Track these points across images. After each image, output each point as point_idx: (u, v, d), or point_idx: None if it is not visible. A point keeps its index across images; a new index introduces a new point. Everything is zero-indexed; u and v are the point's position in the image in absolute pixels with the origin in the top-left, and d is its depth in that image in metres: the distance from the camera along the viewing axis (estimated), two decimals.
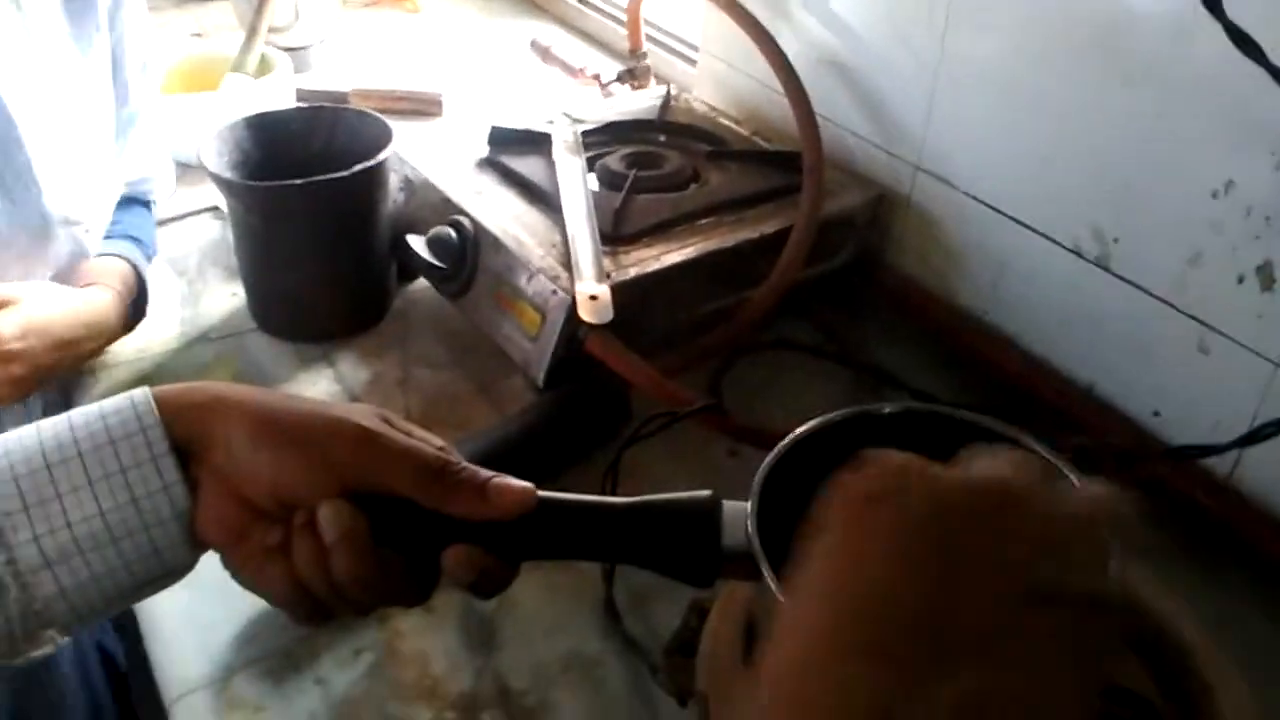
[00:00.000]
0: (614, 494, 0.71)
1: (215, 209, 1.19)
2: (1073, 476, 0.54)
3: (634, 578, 0.75)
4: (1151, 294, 0.84)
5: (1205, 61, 0.72)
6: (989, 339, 0.98)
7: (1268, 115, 0.71)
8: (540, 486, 0.51)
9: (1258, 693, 0.49)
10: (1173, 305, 0.82)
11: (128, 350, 0.98)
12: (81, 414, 0.47)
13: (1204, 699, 0.49)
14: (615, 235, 0.94)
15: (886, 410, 0.59)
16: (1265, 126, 0.72)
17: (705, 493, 0.51)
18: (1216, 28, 0.68)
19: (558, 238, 0.94)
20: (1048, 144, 0.88)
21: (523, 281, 0.91)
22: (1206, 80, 0.75)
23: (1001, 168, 0.94)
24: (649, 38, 1.44)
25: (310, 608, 0.50)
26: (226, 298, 1.06)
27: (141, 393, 0.48)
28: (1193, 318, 0.81)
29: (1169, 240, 0.81)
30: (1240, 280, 0.77)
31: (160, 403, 0.47)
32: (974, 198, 0.96)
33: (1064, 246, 0.89)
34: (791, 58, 1.06)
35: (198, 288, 1.08)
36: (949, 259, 1.01)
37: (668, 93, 1.22)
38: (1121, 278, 0.85)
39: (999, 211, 0.94)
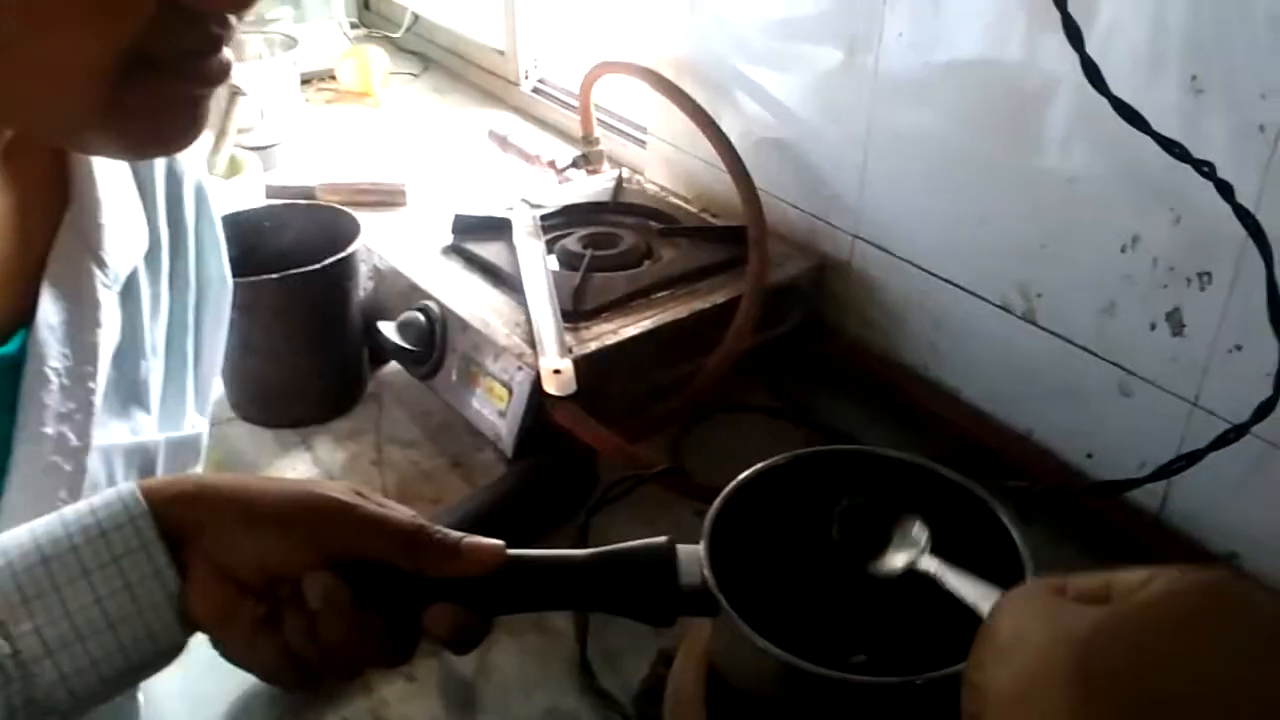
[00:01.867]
0: None
1: None
2: (1005, 518, 0.60)
3: (606, 636, 0.79)
4: (1074, 343, 0.90)
5: (1107, 128, 0.79)
6: (932, 393, 1.04)
7: (1163, 176, 0.78)
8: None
9: None
10: (1094, 353, 0.89)
11: None
12: (73, 510, 0.50)
13: None
14: (575, 312, 1.00)
15: (818, 451, 0.64)
16: (1161, 186, 0.79)
17: (662, 539, 0.56)
18: None
19: (521, 317, 0.99)
20: (972, 209, 0.95)
21: (490, 360, 0.97)
22: (1109, 145, 0.82)
23: (931, 232, 1.00)
24: (602, 122, 1.52)
25: (300, 676, 0.53)
26: (215, 384, 1.11)
27: (128, 487, 0.51)
28: (1113, 363, 0.88)
29: (1086, 293, 0.88)
30: (1153, 327, 0.84)
31: (147, 494, 0.50)
32: (908, 261, 1.03)
33: (993, 303, 0.96)
34: (734, 138, 1.13)
35: None
36: (890, 319, 1.07)
37: (620, 175, 1.29)
38: (1047, 330, 0.92)
39: (932, 274, 1.01)
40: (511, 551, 0.54)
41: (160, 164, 0.65)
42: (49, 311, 0.56)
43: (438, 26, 2.01)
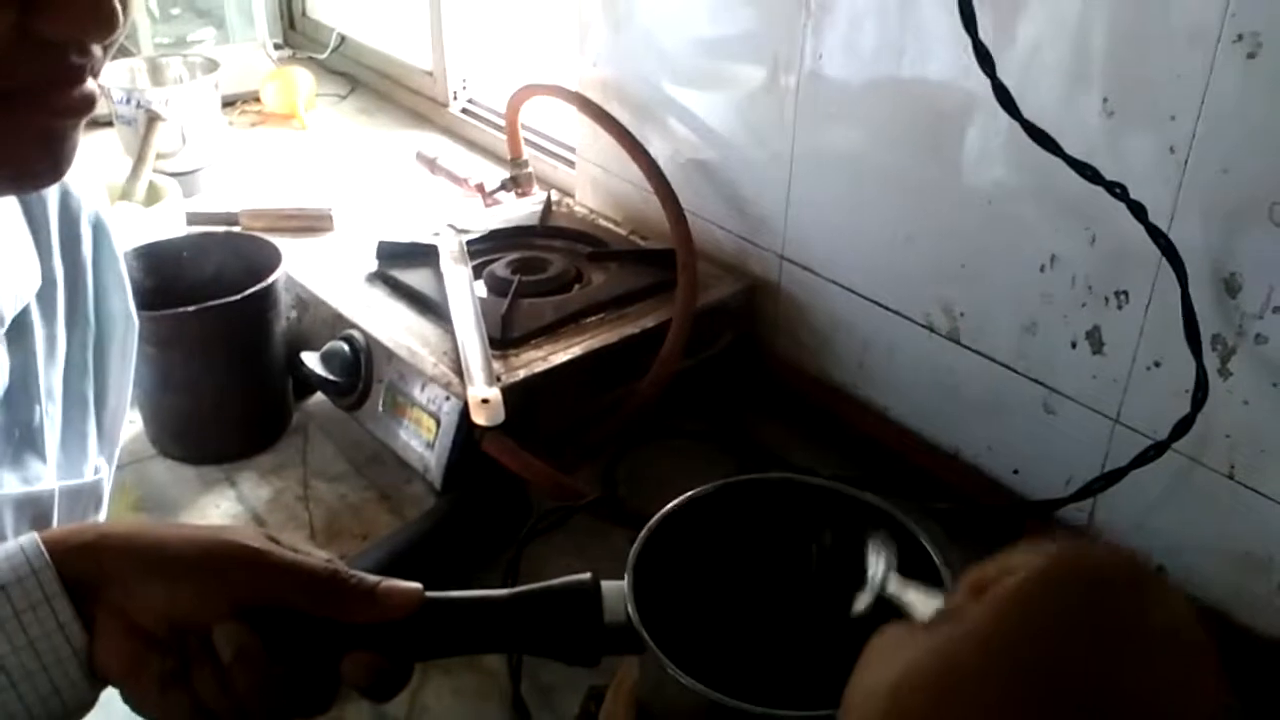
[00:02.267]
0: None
1: None
2: (925, 540, 0.60)
3: (540, 673, 0.78)
4: (998, 361, 0.91)
5: (1023, 149, 0.80)
6: (861, 412, 1.04)
7: (1078, 196, 0.79)
8: (447, 588, 0.54)
9: None
10: (1017, 371, 0.90)
11: None
12: None
13: None
14: (504, 339, 0.98)
15: (741, 480, 0.64)
16: (1078, 206, 0.81)
17: (585, 575, 0.56)
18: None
19: (449, 345, 0.98)
20: (895, 229, 0.96)
21: (417, 390, 0.95)
22: (1025, 166, 0.83)
23: (855, 252, 1.01)
24: (531, 143, 1.51)
25: None
26: (124, 425, 1.08)
27: (30, 538, 0.49)
28: (1036, 381, 0.89)
29: (1008, 312, 0.89)
30: (1073, 345, 0.85)
31: (49, 545, 0.49)
32: (834, 282, 1.03)
33: (918, 323, 0.96)
34: (662, 161, 1.13)
35: None
36: (819, 340, 1.08)
37: (548, 198, 1.28)
38: (970, 348, 0.93)
39: (857, 294, 1.01)
40: (430, 594, 0.53)
41: (54, 197, 0.63)
42: None
43: (365, 47, 1.99)
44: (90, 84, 0.45)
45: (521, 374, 0.95)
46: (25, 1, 0.40)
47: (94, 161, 1.67)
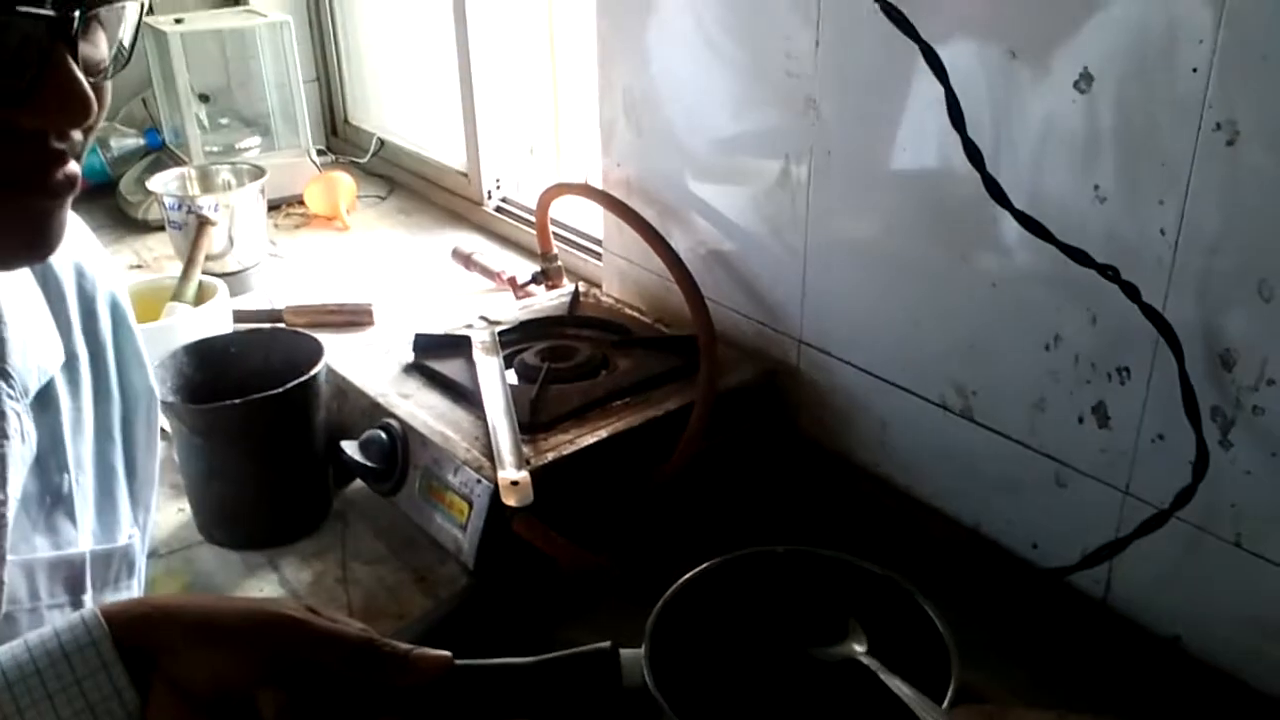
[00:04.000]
0: None
1: (161, 430, 1.26)
2: (932, 612, 0.62)
3: None
4: (1010, 437, 0.94)
5: (1021, 235, 0.84)
6: (883, 489, 1.07)
7: (1077, 278, 0.82)
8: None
9: None
10: (1029, 446, 0.92)
11: None
12: (37, 635, 0.52)
13: None
14: (533, 424, 1.03)
15: (756, 552, 0.67)
16: (1077, 287, 0.84)
17: (605, 643, 0.59)
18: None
19: (480, 431, 1.02)
20: (905, 313, 1.00)
21: (450, 474, 0.99)
22: (1025, 251, 0.87)
23: (870, 335, 1.05)
24: (560, 237, 1.58)
25: None
26: (174, 514, 1.13)
27: (90, 610, 0.53)
28: (1047, 456, 0.91)
29: (1017, 390, 0.92)
30: (1080, 420, 0.88)
31: (108, 617, 0.52)
32: (851, 364, 1.07)
33: (932, 402, 1.00)
34: (683, 252, 1.18)
35: None
36: (839, 419, 1.11)
37: (576, 289, 1.33)
38: (984, 425, 0.96)
39: (874, 375, 1.05)
40: (458, 661, 0.57)
41: (70, 277, 0.67)
42: None
43: (403, 150, 2.09)
44: (72, 165, 0.49)
45: (550, 457, 0.99)
46: (5, 97, 0.45)
47: (150, 263, 1.76)
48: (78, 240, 0.68)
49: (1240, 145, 0.72)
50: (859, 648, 0.64)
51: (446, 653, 0.56)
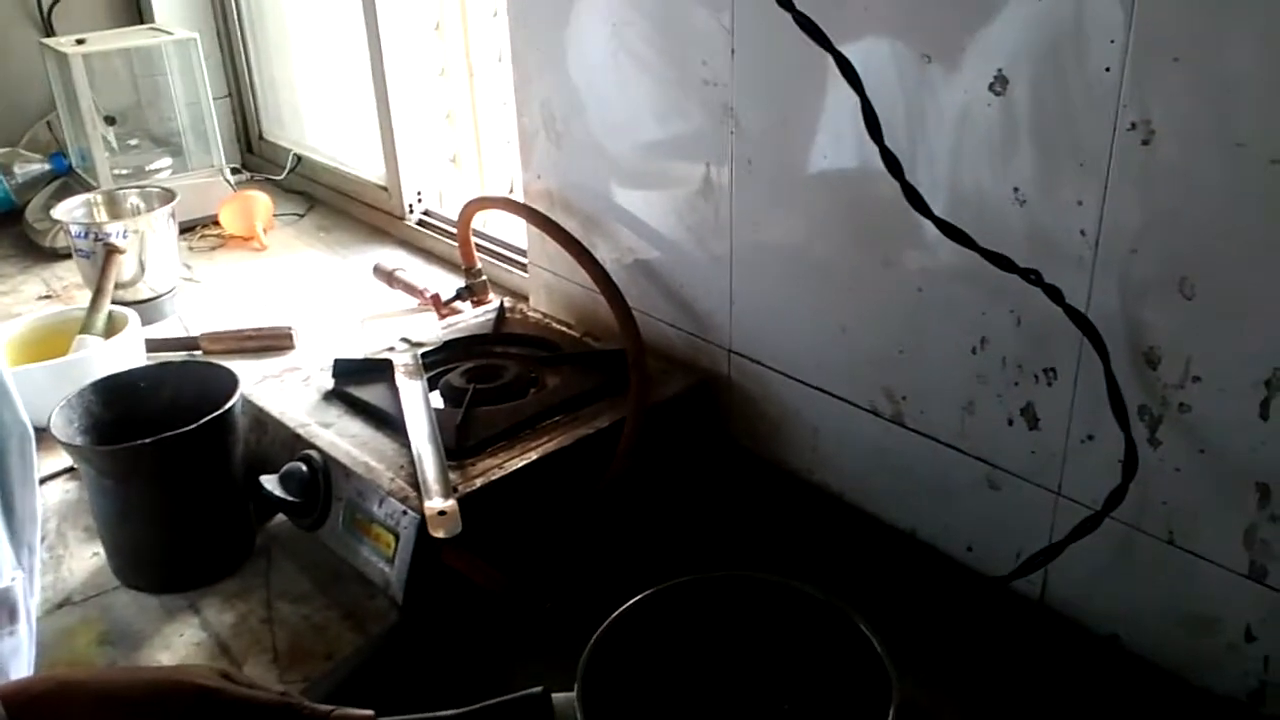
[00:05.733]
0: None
1: (71, 470, 1.21)
2: (865, 629, 0.61)
3: None
4: (941, 442, 0.93)
5: (944, 239, 0.83)
6: (818, 496, 1.06)
7: (1001, 281, 0.82)
8: (413, 704, 0.55)
9: None
10: (960, 450, 0.92)
11: None
12: None
13: None
14: (460, 449, 1.00)
15: (690, 580, 0.65)
16: (1001, 290, 0.84)
17: (536, 689, 0.57)
18: None
19: (405, 460, 0.99)
20: (833, 318, 0.99)
21: (375, 506, 0.96)
22: (949, 255, 0.86)
23: (799, 344, 1.04)
24: (485, 248, 1.55)
25: None
26: (87, 558, 1.08)
27: None
28: (979, 459, 0.91)
29: (946, 393, 0.91)
30: (1010, 422, 0.88)
31: (4, 698, 0.50)
32: (782, 372, 1.06)
33: (863, 408, 0.99)
34: (608, 263, 1.16)
35: (58, 552, 1.10)
36: (771, 428, 1.10)
37: (501, 305, 1.31)
38: (914, 430, 0.95)
39: (804, 382, 1.04)
40: (383, 719, 0.54)
41: None
42: None
43: (320, 165, 2.04)
44: None
45: (479, 483, 0.96)
46: None
47: (60, 293, 1.69)
48: None
49: (1156, 144, 0.72)
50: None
51: (369, 711, 0.54)
